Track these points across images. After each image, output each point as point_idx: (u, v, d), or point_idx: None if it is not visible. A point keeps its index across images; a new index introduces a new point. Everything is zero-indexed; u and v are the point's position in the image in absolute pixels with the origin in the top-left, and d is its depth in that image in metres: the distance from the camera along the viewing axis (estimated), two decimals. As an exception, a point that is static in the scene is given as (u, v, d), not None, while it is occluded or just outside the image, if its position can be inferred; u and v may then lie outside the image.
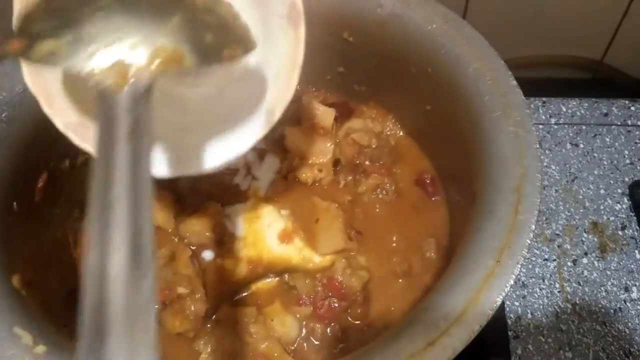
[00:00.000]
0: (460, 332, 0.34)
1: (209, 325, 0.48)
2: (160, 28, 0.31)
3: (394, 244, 0.53)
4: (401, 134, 0.59)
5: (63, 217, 0.52)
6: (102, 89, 0.30)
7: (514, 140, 0.42)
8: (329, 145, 0.55)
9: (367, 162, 0.56)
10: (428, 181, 0.55)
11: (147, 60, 0.31)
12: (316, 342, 0.47)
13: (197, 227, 0.51)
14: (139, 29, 0.31)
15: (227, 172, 0.54)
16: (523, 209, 0.39)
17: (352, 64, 0.59)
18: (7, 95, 0.45)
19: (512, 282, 0.36)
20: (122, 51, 0.31)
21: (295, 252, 0.50)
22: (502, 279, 0.36)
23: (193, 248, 0.51)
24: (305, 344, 0.47)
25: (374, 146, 0.56)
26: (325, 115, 0.56)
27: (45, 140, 0.48)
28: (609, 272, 0.61)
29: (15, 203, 0.44)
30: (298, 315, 0.48)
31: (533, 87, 0.77)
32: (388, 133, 0.59)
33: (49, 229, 0.49)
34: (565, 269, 0.62)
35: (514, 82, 0.45)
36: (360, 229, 0.53)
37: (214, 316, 0.47)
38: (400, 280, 0.51)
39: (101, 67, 0.30)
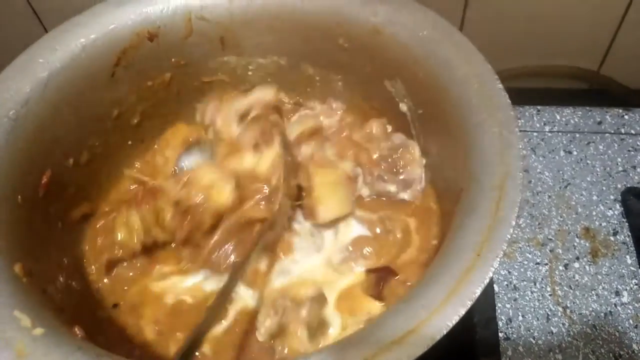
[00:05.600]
0: (439, 322, 0.36)
1: None
2: None
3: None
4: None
5: (66, 214, 0.54)
6: None
7: (497, 141, 0.44)
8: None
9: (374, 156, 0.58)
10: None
11: None
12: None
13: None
14: None
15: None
16: (504, 206, 0.40)
17: (347, 70, 0.61)
18: (15, 95, 0.48)
19: (491, 274, 0.37)
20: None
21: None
22: (482, 271, 0.37)
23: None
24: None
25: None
26: None
27: (49, 138, 0.50)
28: (600, 277, 0.62)
29: (19, 196, 0.46)
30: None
31: (530, 97, 0.79)
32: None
33: (52, 224, 0.51)
34: (556, 272, 0.63)
35: (500, 86, 0.47)
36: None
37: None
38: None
39: None
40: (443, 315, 0.36)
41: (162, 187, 0.57)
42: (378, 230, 0.55)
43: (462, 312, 0.36)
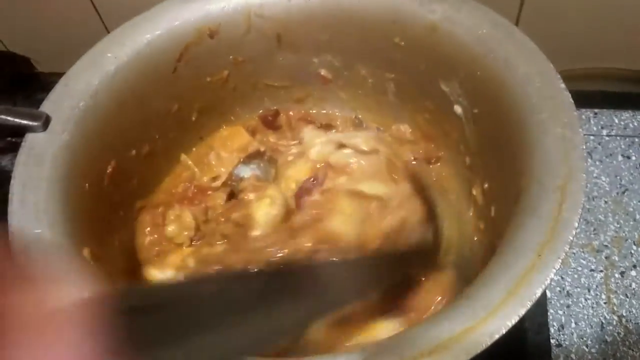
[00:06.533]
0: (497, 321, 0.35)
1: None
2: None
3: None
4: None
5: (128, 204, 0.56)
6: None
7: (560, 141, 0.43)
8: None
9: None
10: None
11: None
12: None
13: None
14: None
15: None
16: (567, 207, 0.39)
17: (402, 69, 0.61)
18: (85, 87, 0.50)
19: (552, 275, 0.37)
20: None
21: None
22: (543, 272, 0.37)
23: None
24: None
25: None
26: None
27: (115, 129, 0.52)
28: (658, 286, 0.60)
29: (87, 184, 0.48)
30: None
31: (587, 100, 0.77)
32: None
33: (115, 213, 0.54)
34: (612, 280, 0.61)
35: (563, 85, 0.46)
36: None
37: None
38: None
39: None
40: (502, 315, 0.36)
41: (212, 188, 0.59)
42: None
43: (522, 312, 0.36)
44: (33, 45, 0.86)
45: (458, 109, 0.57)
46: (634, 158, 0.69)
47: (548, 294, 0.61)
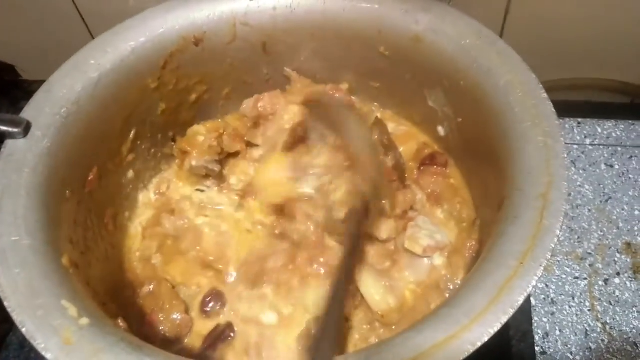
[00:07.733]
0: (480, 329, 0.35)
1: None
2: None
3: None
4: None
5: (109, 212, 0.55)
6: None
7: (542, 150, 0.43)
8: None
9: None
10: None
11: None
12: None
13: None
14: None
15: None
16: (548, 215, 0.40)
17: (387, 78, 0.61)
18: (67, 93, 0.49)
19: (534, 283, 0.37)
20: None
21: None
22: (525, 279, 0.37)
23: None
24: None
25: None
26: None
27: (97, 135, 0.52)
28: (641, 294, 0.61)
29: (68, 191, 0.48)
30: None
31: (571, 110, 0.78)
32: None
33: (96, 219, 0.53)
34: (596, 288, 0.62)
35: (545, 95, 0.47)
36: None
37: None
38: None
39: None
40: (484, 322, 0.36)
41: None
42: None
43: (504, 319, 0.36)
44: (18, 53, 0.86)
45: (442, 130, 0.58)
46: (617, 167, 0.70)
47: (533, 301, 0.61)
